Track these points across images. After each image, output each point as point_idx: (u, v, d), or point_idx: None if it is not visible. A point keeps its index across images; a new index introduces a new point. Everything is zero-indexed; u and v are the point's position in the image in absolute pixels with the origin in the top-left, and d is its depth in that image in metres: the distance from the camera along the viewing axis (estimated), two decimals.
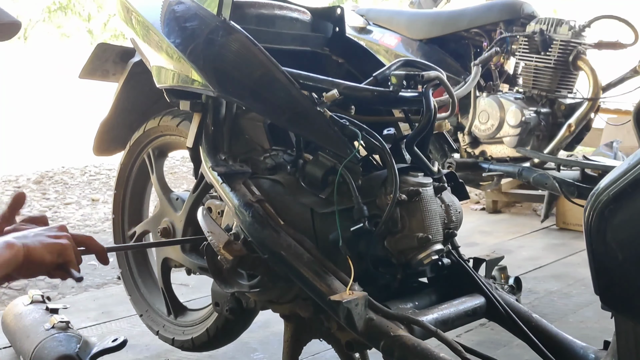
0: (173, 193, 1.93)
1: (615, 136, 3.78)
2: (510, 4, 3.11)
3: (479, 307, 1.40)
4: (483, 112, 2.91)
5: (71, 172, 5.31)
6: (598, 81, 2.84)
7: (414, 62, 1.54)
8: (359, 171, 1.35)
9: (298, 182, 1.40)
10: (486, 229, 3.78)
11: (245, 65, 1.42)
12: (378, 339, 1.21)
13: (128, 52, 1.98)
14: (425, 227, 1.33)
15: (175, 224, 1.85)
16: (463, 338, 2.13)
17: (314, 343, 1.54)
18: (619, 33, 2.90)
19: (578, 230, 3.58)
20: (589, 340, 1.37)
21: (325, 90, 1.44)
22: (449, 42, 3.30)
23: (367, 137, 1.36)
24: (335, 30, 1.81)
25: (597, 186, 0.95)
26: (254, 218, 1.34)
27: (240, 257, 1.34)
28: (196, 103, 1.55)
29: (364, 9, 3.60)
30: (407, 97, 1.43)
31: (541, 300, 2.59)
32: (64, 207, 4.37)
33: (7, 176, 5.03)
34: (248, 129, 1.56)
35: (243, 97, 1.43)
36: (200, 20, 1.46)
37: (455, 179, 1.53)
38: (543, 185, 2.65)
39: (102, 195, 4.65)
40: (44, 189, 4.79)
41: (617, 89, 2.91)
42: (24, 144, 5.78)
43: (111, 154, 2.19)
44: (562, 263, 3.10)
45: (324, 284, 1.26)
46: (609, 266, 0.95)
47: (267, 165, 1.47)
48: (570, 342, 1.35)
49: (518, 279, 1.54)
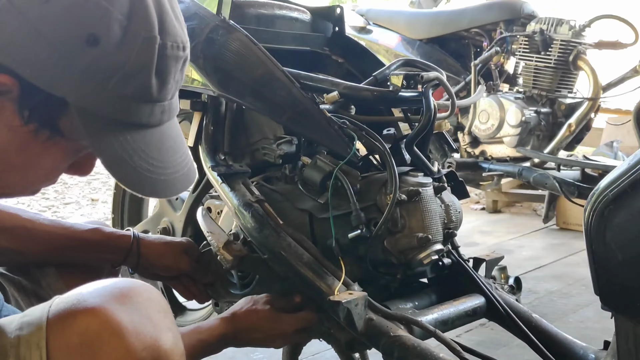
0: None
1: (615, 136, 3.78)
2: (510, 3, 3.12)
3: (478, 307, 1.40)
4: (483, 112, 2.91)
5: None
6: (598, 81, 2.84)
7: (413, 62, 1.54)
8: (357, 175, 1.34)
9: (297, 186, 1.40)
10: (486, 228, 3.78)
11: (245, 64, 1.41)
12: (378, 339, 1.21)
13: None
14: (425, 227, 1.33)
15: (174, 223, 1.85)
16: (463, 338, 2.13)
17: (314, 343, 1.54)
18: (619, 33, 2.91)
19: (578, 230, 3.58)
20: (589, 340, 1.37)
21: (325, 89, 1.44)
22: (449, 41, 3.30)
23: (367, 137, 1.35)
24: (335, 30, 1.80)
25: (597, 186, 0.95)
26: (254, 218, 1.34)
27: (240, 257, 1.34)
28: (196, 102, 1.55)
29: (364, 9, 3.60)
30: (407, 97, 1.43)
31: (541, 300, 2.59)
32: (63, 206, 4.38)
33: None
34: (260, 117, 1.55)
35: (243, 96, 1.43)
36: (199, 19, 1.46)
37: (455, 179, 1.53)
38: (543, 185, 2.65)
39: (101, 195, 4.65)
40: (44, 189, 4.79)
41: (618, 88, 2.91)
42: None
43: None
44: (562, 263, 3.10)
45: (324, 284, 1.26)
46: (608, 266, 0.95)
47: (279, 153, 1.46)
48: (570, 342, 1.35)
49: (518, 279, 1.54)
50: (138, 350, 0.75)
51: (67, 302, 0.77)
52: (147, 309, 0.80)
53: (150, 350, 0.76)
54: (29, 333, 0.75)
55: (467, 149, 2.99)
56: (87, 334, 0.74)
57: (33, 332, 0.74)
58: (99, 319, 0.75)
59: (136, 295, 0.80)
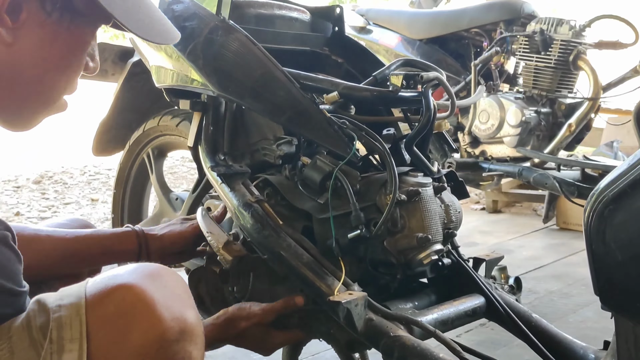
0: (172, 193, 1.93)
1: (615, 136, 3.77)
2: (510, 3, 3.11)
3: (478, 307, 1.39)
4: (483, 112, 2.91)
5: (70, 172, 5.31)
6: (598, 81, 2.84)
7: (413, 61, 1.54)
8: (356, 175, 1.34)
9: (296, 186, 1.40)
10: (486, 228, 3.78)
11: (244, 64, 1.41)
12: (377, 339, 1.21)
13: (127, 52, 1.98)
14: (424, 227, 1.33)
15: None
16: (463, 338, 2.13)
17: (314, 343, 1.53)
18: (619, 33, 2.90)
19: (578, 230, 3.58)
20: (589, 340, 1.37)
21: (325, 90, 1.44)
22: (449, 41, 3.30)
23: (367, 137, 1.35)
24: (334, 30, 1.80)
25: (597, 186, 0.95)
26: (254, 218, 1.34)
27: (239, 257, 1.34)
28: (196, 102, 1.55)
29: (364, 9, 3.60)
30: (407, 97, 1.43)
31: (541, 300, 2.59)
32: (63, 207, 4.38)
33: (7, 176, 5.03)
34: (259, 118, 1.55)
35: (243, 96, 1.43)
36: (199, 19, 1.46)
37: (455, 178, 1.52)
38: (543, 185, 2.65)
39: (101, 195, 4.65)
40: (44, 189, 4.79)
41: (618, 88, 2.91)
42: (23, 143, 5.78)
43: (110, 154, 2.19)
44: (562, 263, 3.10)
45: (324, 284, 1.26)
46: (608, 267, 0.95)
47: (279, 154, 1.46)
48: (570, 342, 1.35)
49: (518, 279, 1.54)
50: (167, 320, 0.83)
51: (103, 279, 0.86)
52: (174, 288, 0.89)
53: (178, 322, 0.84)
54: (69, 303, 0.83)
55: (467, 149, 2.99)
56: (123, 304, 0.82)
57: (73, 303, 0.83)
58: (133, 292, 0.83)
59: (164, 275, 0.89)
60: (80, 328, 0.81)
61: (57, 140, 6.16)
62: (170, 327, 0.83)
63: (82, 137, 2.80)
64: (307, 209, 1.35)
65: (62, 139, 6.17)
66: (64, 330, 0.80)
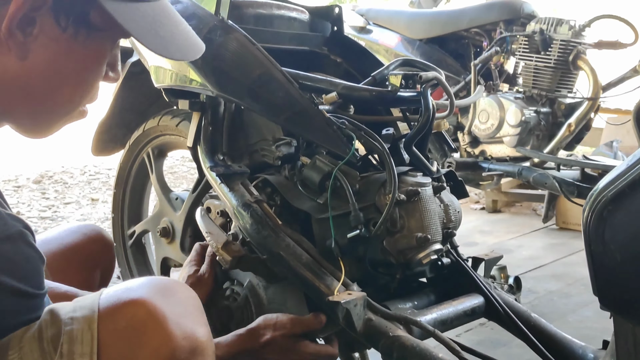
0: (172, 193, 1.93)
1: (615, 136, 3.77)
2: (510, 3, 3.11)
3: (478, 307, 1.40)
4: (483, 112, 2.90)
5: (71, 172, 5.31)
6: (598, 81, 2.84)
7: (412, 61, 1.54)
8: (356, 175, 1.34)
9: (296, 186, 1.40)
10: (486, 228, 3.78)
11: (243, 64, 1.41)
12: (377, 339, 1.21)
13: (126, 52, 1.98)
14: (424, 227, 1.33)
15: (174, 223, 1.85)
16: (463, 338, 2.13)
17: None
18: (619, 33, 2.90)
19: (578, 230, 3.58)
20: (589, 340, 1.37)
21: (324, 90, 1.44)
22: (449, 41, 3.30)
23: (366, 137, 1.35)
24: (333, 30, 1.80)
25: (596, 187, 0.95)
26: (253, 218, 1.34)
27: (238, 257, 1.34)
28: (195, 102, 1.55)
29: (364, 9, 3.60)
30: (406, 97, 1.43)
31: (541, 300, 2.59)
32: (63, 206, 4.37)
33: (7, 175, 5.03)
34: (259, 118, 1.55)
35: (242, 96, 1.43)
36: (198, 19, 1.45)
37: (454, 178, 1.52)
38: (543, 185, 2.65)
39: (101, 195, 4.65)
40: (44, 189, 4.79)
41: (617, 88, 2.91)
42: (23, 143, 5.78)
43: (109, 153, 2.19)
44: (562, 263, 3.10)
45: (323, 284, 1.26)
46: (607, 267, 0.95)
47: (278, 155, 1.46)
48: (570, 341, 1.35)
49: (517, 279, 1.54)
50: (179, 338, 0.82)
51: (116, 292, 0.85)
52: (186, 305, 0.87)
53: (189, 340, 0.83)
54: (82, 316, 0.82)
55: (466, 148, 2.99)
56: (134, 320, 0.81)
57: (86, 315, 0.82)
58: (145, 308, 0.82)
59: (177, 291, 0.88)
60: (92, 343, 0.80)
61: (57, 140, 6.15)
62: (181, 346, 0.82)
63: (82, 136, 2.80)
64: (307, 209, 1.35)
65: (62, 138, 6.17)
66: (75, 345, 0.80)
